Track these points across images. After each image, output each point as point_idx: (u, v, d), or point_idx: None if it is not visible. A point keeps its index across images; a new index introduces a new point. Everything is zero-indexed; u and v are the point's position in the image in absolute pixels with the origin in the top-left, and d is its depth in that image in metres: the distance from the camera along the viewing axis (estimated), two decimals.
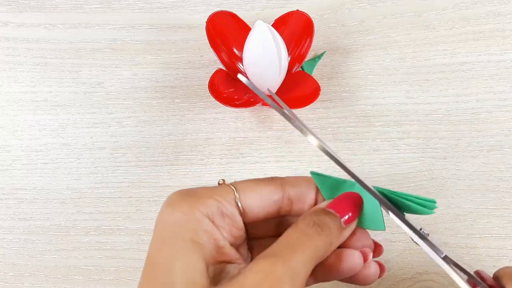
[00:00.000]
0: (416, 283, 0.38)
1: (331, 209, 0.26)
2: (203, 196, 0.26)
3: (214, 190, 0.26)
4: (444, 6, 0.44)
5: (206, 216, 0.25)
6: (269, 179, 0.28)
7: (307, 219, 0.26)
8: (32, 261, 0.39)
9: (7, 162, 0.41)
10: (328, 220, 0.26)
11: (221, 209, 0.26)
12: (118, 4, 0.45)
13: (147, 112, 0.42)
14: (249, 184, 0.27)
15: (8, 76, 0.43)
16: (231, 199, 0.26)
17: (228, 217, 0.26)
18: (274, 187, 0.27)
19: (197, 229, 0.24)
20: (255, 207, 0.27)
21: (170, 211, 0.25)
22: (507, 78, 0.42)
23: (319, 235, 0.25)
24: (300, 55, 0.40)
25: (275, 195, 0.27)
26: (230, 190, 0.26)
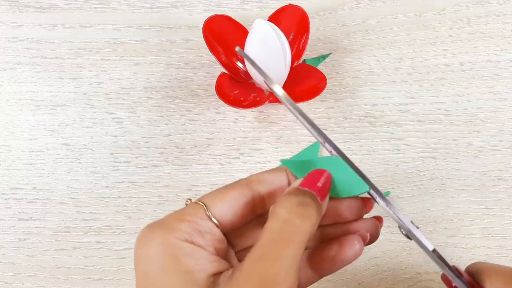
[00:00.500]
0: (416, 283, 0.38)
1: (305, 187, 0.25)
2: (173, 222, 0.25)
3: (183, 212, 0.26)
4: (444, 6, 0.44)
5: (184, 240, 0.24)
6: (234, 184, 0.27)
7: (286, 204, 0.24)
8: (32, 261, 0.39)
9: (7, 162, 0.41)
10: (307, 199, 0.25)
11: (197, 228, 0.25)
12: (118, 4, 0.45)
13: (147, 112, 0.42)
14: (215, 195, 0.26)
15: (8, 76, 0.43)
16: (202, 214, 0.25)
17: (207, 233, 0.25)
18: (240, 190, 0.26)
19: (179, 256, 0.24)
20: (228, 215, 0.26)
21: (146, 248, 0.24)
22: (507, 78, 0.42)
23: (304, 218, 0.24)
24: (299, 50, 0.40)
25: (244, 197, 0.26)
26: (199, 206, 0.26)
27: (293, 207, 0.24)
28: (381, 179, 0.40)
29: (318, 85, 0.39)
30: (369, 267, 0.38)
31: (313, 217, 0.24)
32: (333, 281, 0.38)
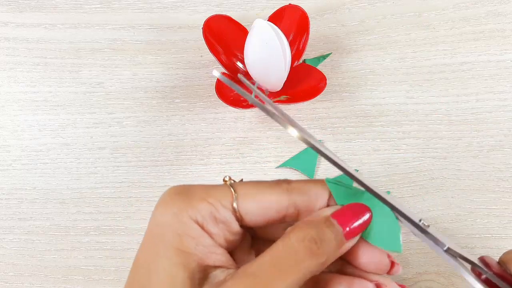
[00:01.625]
0: (416, 283, 0.38)
1: (335, 219, 0.23)
2: (196, 197, 0.23)
3: (211, 190, 0.24)
4: (444, 6, 0.44)
5: (195, 221, 0.23)
6: (274, 184, 0.25)
7: (302, 232, 0.22)
8: (32, 261, 0.39)
9: (7, 162, 0.41)
10: (328, 235, 0.22)
11: (214, 214, 0.23)
12: (118, 4, 0.45)
13: (147, 112, 0.42)
14: (250, 189, 0.24)
15: (8, 76, 0.43)
16: (228, 203, 0.24)
17: (222, 222, 0.24)
18: (278, 194, 0.24)
19: (182, 235, 0.23)
20: (254, 214, 0.24)
21: (160, 211, 0.24)
22: (507, 78, 0.42)
23: (313, 255, 0.22)
24: (299, 50, 0.40)
25: (279, 204, 0.24)
26: (228, 192, 0.24)
27: (306, 239, 0.22)
28: (381, 179, 0.40)
29: (318, 85, 0.39)
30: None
31: (324, 257, 0.22)
32: None
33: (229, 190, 0.24)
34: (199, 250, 0.23)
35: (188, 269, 0.22)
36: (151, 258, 0.23)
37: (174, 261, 0.22)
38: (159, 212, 0.24)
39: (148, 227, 0.24)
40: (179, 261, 0.22)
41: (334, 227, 0.23)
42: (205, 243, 0.23)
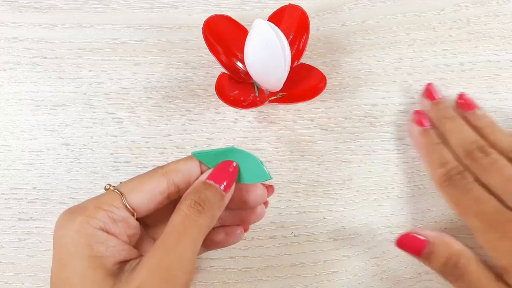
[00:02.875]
0: (416, 283, 0.38)
1: (210, 180, 0.28)
2: (90, 209, 0.27)
3: (101, 199, 0.27)
4: (444, 6, 0.44)
5: (99, 228, 0.26)
6: (151, 173, 0.29)
7: (188, 199, 0.27)
8: (32, 261, 0.39)
9: (7, 162, 0.41)
10: (209, 194, 0.27)
11: (112, 216, 0.27)
12: (118, 4, 0.45)
13: (147, 112, 0.42)
14: (133, 184, 0.28)
15: (8, 76, 0.43)
16: (119, 203, 0.27)
17: (121, 221, 0.27)
18: (157, 180, 0.28)
19: (92, 244, 0.26)
20: (144, 204, 0.28)
21: (63, 232, 0.26)
22: (507, 78, 0.42)
23: (201, 213, 0.26)
24: (299, 50, 0.40)
25: (160, 186, 0.28)
26: (116, 195, 0.27)
27: (191, 204, 0.27)
28: (381, 179, 0.40)
29: (318, 85, 0.39)
30: (369, 267, 0.38)
31: (211, 212, 0.27)
32: (333, 281, 0.38)
33: (115, 192, 0.28)
34: (109, 252, 0.26)
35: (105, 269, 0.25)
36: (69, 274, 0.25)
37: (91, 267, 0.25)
38: (63, 233, 0.26)
39: (55, 251, 0.26)
40: (95, 264, 0.25)
41: (212, 186, 0.28)
42: (113, 244, 0.26)
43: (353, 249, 0.39)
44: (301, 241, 0.39)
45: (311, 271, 0.38)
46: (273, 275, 0.38)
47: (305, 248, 0.39)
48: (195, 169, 0.30)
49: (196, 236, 0.26)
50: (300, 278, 0.38)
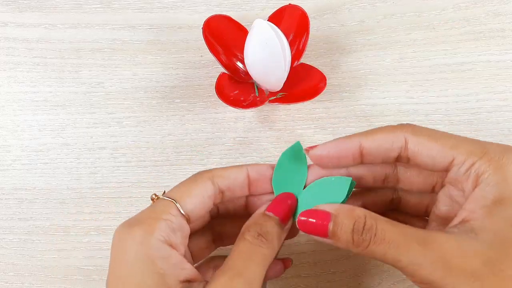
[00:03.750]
0: None
1: (270, 212, 0.28)
2: (151, 220, 0.26)
3: (156, 209, 0.27)
4: (444, 6, 0.44)
5: (162, 241, 0.26)
6: (198, 177, 0.29)
7: (252, 230, 0.27)
8: (32, 261, 0.39)
9: (7, 162, 0.41)
10: (269, 227, 0.28)
11: (172, 226, 0.27)
12: (118, 4, 0.45)
13: (147, 112, 0.42)
14: (182, 190, 0.28)
15: (8, 76, 0.43)
16: (175, 212, 0.27)
17: (178, 230, 0.27)
18: (206, 185, 0.29)
19: (155, 259, 0.25)
20: (196, 209, 0.28)
21: (124, 246, 0.26)
22: (507, 78, 0.42)
23: (263, 244, 0.27)
24: (299, 50, 0.40)
25: (208, 191, 0.29)
26: (170, 203, 0.27)
27: (255, 235, 0.27)
28: None
29: (318, 85, 0.39)
30: (369, 267, 0.38)
31: (273, 242, 0.27)
32: (333, 281, 0.38)
33: (168, 201, 0.27)
34: (172, 269, 0.25)
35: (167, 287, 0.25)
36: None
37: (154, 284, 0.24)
38: (122, 249, 0.26)
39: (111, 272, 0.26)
40: (158, 283, 0.25)
41: (271, 218, 0.28)
42: (175, 260, 0.26)
43: None
44: (301, 241, 0.39)
45: (311, 271, 0.38)
46: None
47: (305, 248, 0.39)
48: (241, 177, 0.30)
49: (262, 264, 0.26)
50: (300, 278, 0.38)
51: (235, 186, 0.30)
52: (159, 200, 0.28)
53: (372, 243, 0.25)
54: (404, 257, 0.24)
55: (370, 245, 0.25)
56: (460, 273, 0.23)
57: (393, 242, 0.24)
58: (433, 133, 0.27)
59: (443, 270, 0.23)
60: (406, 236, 0.25)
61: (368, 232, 0.25)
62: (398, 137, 0.28)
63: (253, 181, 0.30)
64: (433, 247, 0.24)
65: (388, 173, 0.30)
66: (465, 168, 0.26)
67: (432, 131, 0.28)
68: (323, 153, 0.29)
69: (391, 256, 0.24)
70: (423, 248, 0.24)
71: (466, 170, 0.26)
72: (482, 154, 0.26)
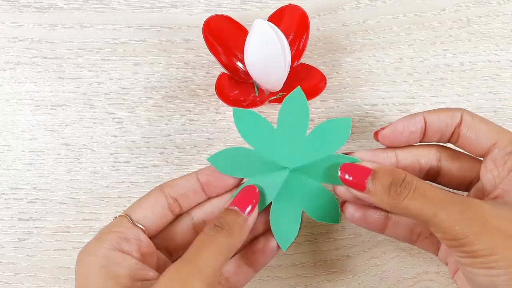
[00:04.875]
0: (416, 283, 0.38)
1: (233, 206, 0.30)
2: (101, 235, 0.28)
3: (110, 225, 0.29)
4: (444, 6, 0.44)
5: (112, 248, 0.28)
6: (151, 192, 0.31)
7: (210, 223, 0.28)
8: (32, 261, 0.39)
9: (7, 162, 0.41)
10: (229, 218, 0.28)
11: (123, 235, 0.28)
12: (118, 4, 0.45)
13: (147, 112, 0.42)
14: (135, 205, 0.31)
15: (8, 76, 0.43)
16: (127, 223, 0.29)
17: (133, 239, 0.29)
18: (155, 196, 0.31)
19: (107, 265, 0.27)
20: (150, 219, 0.30)
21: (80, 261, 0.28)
22: (507, 78, 0.42)
23: (219, 233, 0.27)
24: (299, 50, 0.40)
25: (159, 201, 0.31)
26: (122, 218, 0.30)
27: (211, 227, 0.28)
28: None
29: (318, 85, 0.39)
30: (369, 267, 0.38)
31: (231, 231, 0.28)
32: (333, 281, 0.38)
33: (122, 216, 0.30)
34: (126, 271, 0.27)
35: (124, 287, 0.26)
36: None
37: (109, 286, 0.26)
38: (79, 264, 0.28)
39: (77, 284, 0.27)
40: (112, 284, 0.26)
41: (232, 211, 0.29)
42: (129, 264, 0.27)
43: (353, 249, 0.38)
44: (301, 241, 0.39)
45: (311, 271, 0.38)
46: (273, 275, 0.38)
47: (305, 248, 0.39)
48: (191, 183, 0.32)
49: (216, 251, 0.27)
50: (300, 278, 0.38)
51: (188, 192, 0.32)
52: (115, 218, 0.30)
53: (410, 197, 0.26)
54: (442, 212, 0.25)
55: (406, 198, 0.26)
56: (496, 232, 0.24)
57: (433, 198, 0.26)
58: (484, 119, 0.30)
59: (480, 227, 0.25)
60: (447, 195, 0.26)
61: (407, 186, 0.27)
62: (456, 113, 0.30)
63: (206, 184, 0.32)
64: (471, 206, 0.25)
65: (433, 165, 0.31)
66: (505, 152, 0.28)
67: (482, 117, 0.30)
68: (395, 131, 0.30)
69: (429, 210, 0.25)
70: (461, 206, 0.25)
71: (505, 154, 0.28)
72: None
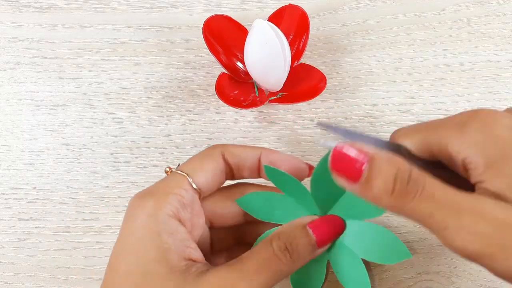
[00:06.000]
0: (416, 283, 0.38)
1: (310, 228, 0.26)
2: (162, 193, 0.26)
3: (169, 182, 0.27)
4: (444, 6, 0.44)
5: (171, 215, 0.25)
6: (210, 151, 0.28)
7: (281, 239, 0.25)
8: (32, 261, 0.39)
9: (7, 162, 0.41)
10: (302, 244, 0.26)
11: (182, 201, 0.26)
12: (118, 4, 0.45)
13: (147, 112, 0.42)
14: (194, 164, 0.28)
15: (8, 76, 0.43)
16: (187, 186, 0.27)
17: (189, 205, 0.27)
18: (217, 160, 0.28)
19: (162, 233, 0.25)
20: (208, 183, 0.28)
21: (134, 215, 0.25)
22: (507, 78, 0.42)
23: (286, 257, 0.25)
24: (299, 50, 0.40)
25: (220, 166, 0.28)
26: (182, 177, 0.27)
27: (282, 248, 0.25)
28: None
29: (318, 85, 0.39)
30: (369, 267, 0.38)
31: (295, 261, 0.25)
32: (333, 281, 0.38)
33: (180, 175, 0.27)
34: (176, 245, 0.25)
35: (170, 264, 0.24)
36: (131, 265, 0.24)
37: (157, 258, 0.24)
38: (132, 218, 0.25)
39: (119, 240, 0.26)
40: (161, 257, 0.24)
41: (307, 236, 0.26)
42: (181, 236, 0.25)
43: None
44: None
45: None
46: None
47: None
48: (252, 159, 0.29)
49: (273, 277, 0.25)
50: None
51: (245, 167, 0.29)
52: (173, 173, 0.27)
53: (418, 197, 0.20)
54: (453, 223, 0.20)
55: (415, 199, 0.21)
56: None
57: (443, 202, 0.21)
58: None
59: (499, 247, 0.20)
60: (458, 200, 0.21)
61: (415, 183, 0.21)
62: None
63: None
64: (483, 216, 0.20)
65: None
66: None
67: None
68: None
69: (440, 218, 0.20)
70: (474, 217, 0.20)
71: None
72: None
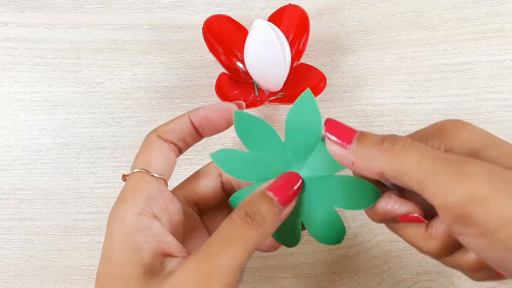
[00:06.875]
0: (416, 283, 0.38)
1: (270, 192, 0.26)
2: (129, 195, 0.26)
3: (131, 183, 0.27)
4: (444, 6, 0.44)
5: (141, 213, 0.25)
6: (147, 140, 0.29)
7: (241, 209, 0.25)
8: (32, 261, 0.39)
9: (7, 162, 0.41)
10: (262, 208, 0.25)
11: (150, 194, 0.26)
12: (118, 4, 0.45)
13: (147, 112, 0.42)
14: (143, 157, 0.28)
15: (8, 76, 0.43)
16: (149, 178, 0.27)
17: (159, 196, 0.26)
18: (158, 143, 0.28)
19: (131, 233, 0.24)
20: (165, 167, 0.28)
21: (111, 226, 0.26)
22: (507, 78, 0.42)
23: (249, 225, 0.24)
24: (299, 50, 0.40)
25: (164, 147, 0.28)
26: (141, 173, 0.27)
27: (242, 215, 0.25)
28: None
29: (318, 85, 0.39)
30: (369, 267, 0.38)
31: (262, 225, 0.25)
32: (333, 281, 0.38)
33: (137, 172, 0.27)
34: (149, 242, 0.25)
35: (143, 264, 0.24)
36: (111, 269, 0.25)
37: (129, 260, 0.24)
38: (109, 231, 0.25)
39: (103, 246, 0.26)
40: (133, 259, 0.24)
41: (268, 198, 0.25)
42: (154, 233, 0.25)
43: (353, 249, 0.38)
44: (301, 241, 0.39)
45: (311, 271, 0.38)
46: (273, 275, 0.38)
47: (305, 248, 0.39)
48: (186, 127, 0.30)
49: (243, 248, 0.24)
50: (300, 278, 0.38)
51: (185, 136, 0.29)
52: (130, 175, 0.27)
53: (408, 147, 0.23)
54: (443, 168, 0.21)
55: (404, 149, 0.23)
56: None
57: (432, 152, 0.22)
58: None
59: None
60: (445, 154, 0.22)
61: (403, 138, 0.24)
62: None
63: (199, 126, 0.30)
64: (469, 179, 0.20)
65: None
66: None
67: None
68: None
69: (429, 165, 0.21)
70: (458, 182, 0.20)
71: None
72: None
